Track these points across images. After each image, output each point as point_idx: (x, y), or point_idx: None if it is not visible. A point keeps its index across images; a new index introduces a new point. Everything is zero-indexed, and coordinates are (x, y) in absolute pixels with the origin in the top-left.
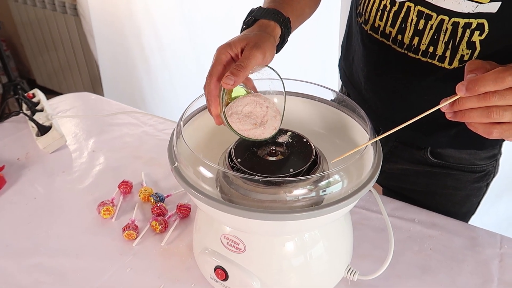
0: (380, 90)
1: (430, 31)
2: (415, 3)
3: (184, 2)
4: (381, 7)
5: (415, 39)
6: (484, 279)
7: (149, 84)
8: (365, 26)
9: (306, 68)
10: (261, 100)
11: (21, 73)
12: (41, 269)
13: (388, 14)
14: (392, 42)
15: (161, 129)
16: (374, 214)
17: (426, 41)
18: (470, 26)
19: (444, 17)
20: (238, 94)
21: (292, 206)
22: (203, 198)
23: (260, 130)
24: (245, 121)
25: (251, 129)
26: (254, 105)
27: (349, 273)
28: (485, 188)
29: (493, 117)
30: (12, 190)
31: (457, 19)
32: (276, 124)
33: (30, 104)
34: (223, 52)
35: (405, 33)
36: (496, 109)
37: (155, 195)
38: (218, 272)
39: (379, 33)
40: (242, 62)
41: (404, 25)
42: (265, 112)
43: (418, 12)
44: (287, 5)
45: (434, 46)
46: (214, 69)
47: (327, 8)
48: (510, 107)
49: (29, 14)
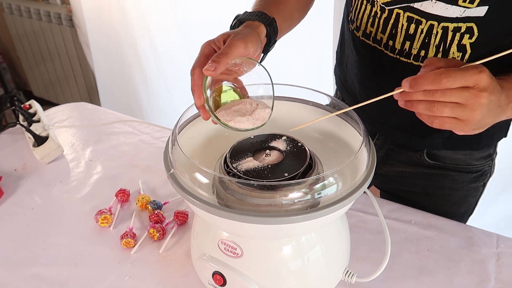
0: (373, 95)
1: (421, 35)
2: (404, 10)
3: (179, 10)
4: (372, 14)
5: (406, 44)
6: (481, 278)
7: (145, 92)
8: (357, 33)
9: (301, 75)
10: (251, 100)
11: (18, 85)
12: (40, 279)
13: (378, 21)
14: (384, 47)
15: (158, 137)
16: (371, 216)
17: (417, 45)
18: (460, 30)
19: (433, 22)
20: (231, 98)
21: (288, 209)
22: (199, 204)
23: (248, 121)
24: (233, 114)
25: (238, 120)
26: (244, 104)
27: (347, 276)
28: (482, 188)
29: (434, 111)
30: (9, 201)
31: (446, 24)
32: (265, 115)
33: (26, 115)
34: (206, 46)
35: (396, 39)
36: (438, 104)
37: (153, 203)
38: (216, 277)
39: (371, 39)
40: (223, 50)
41: (394, 31)
42: (255, 107)
43: (408, 18)
44: (272, 7)
45: (426, 50)
46: (197, 62)
47: (321, 16)
48: (451, 104)
49: (25, 26)
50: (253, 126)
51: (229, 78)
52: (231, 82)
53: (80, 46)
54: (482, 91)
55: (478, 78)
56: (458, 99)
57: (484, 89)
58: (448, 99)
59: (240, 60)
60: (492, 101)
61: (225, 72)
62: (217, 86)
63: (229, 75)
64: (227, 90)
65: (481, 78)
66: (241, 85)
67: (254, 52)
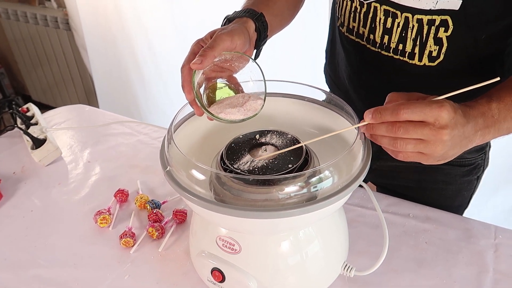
0: (360, 89)
1: (398, 29)
2: (380, 3)
3: (175, 12)
4: (353, 9)
5: (385, 38)
6: (480, 269)
7: (143, 94)
8: (342, 29)
9: (296, 73)
10: (244, 94)
11: (16, 89)
12: (40, 281)
13: (359, 16)
14: (366, 41)
15: (156, 137)
16: (369, 211)
17: (395, 39)
18: (434, 23)
19: (407, 14)
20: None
21: (285, 203)
22: (196, 200)
23: (239, 112)
24: (224, 107)
25: (229, 112)
26: (236, 98)
27: (345, 270)
28: (476, 182)
29: (397, 147)
30: (8, 204)
31: (420, 16)
32: (256, 106)
33: (24, 118)
34: (195, 44)
35: (376, 32)
36: (401, 141)
37: (151, 202)
38: (215, 274)
39: (354, 33)
40: (209, 44)
41: (374, 25)
42: (247, 99)
43: (384, 12)
44: (261, 4)
45: (403, 43)
46: (186, 59)
47: (318, 16)
48: (413, 140)
49: (21, 30)
50: (245, 116)
51: (223, 75)
52: (225, 79)
53: (77, 49)
54: (442, 128)
55: (438, 114)
56: (420, 136)
57: (445, 126)
58: (410, 135)
59: (230, 55)
60: (455, 136)
61: (218, 69)
62: (210, 83)
63: (222, 72)
64: (221, 87)
65: (441, 114)
66: (235, 82)
67: (242, 46)
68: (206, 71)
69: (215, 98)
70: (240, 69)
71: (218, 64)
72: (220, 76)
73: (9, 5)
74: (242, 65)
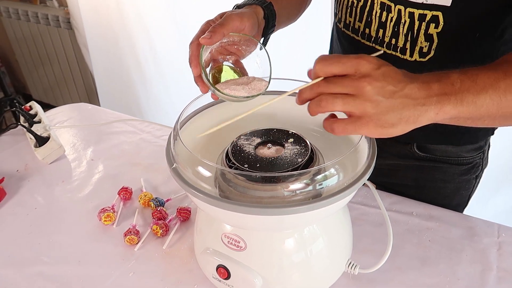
0: None
1: (391, 23)
2: None
3: (177, 11)
4: (349, 4)
5: (380, 32)
6: (483, 267)
7: (144, 93)
8: (339, 24)
9: (299, 71)
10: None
11: (17, 88)
12: (44, 278)
13: (356, 10)
14: (361, 36)
15: (159, 135)
16: (372, 209)
17: (389, 33)
18: (425, 18)
19: (400, 7)
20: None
21: (290, 201)
22: (202, 197)
23: (244, 90)
24: (230, 85)
25: (234, 88)
26: (241, 79)
27: (350, 267)
28: (475, 181)
29: (323, 105)
30: (12, 202)
31: (412, 9)
32: (261, 86)
33: (27, 116)
34: (205, 24)
35: (371, 26)
36: (326, 97)
37: (155, 200)
38: (220, 271)
39: (350, 29)
40: (219, 22)
41: (370, 19)
42: (252, 80)
43: (380, 4)
44: None
45: (396, 38)
46: (195, 37)
47: (321, 15)
48: (339, 95)
49: (23, 29)
50: (249, 94)
51: (230, 59)
52: (231, 62)
53: (78, 48)
54: (362, 77)
55: (357, 63)
56: (341, 88)
57: (366, 75)
58: (331, 89)
59: (238, 37)
60: (384, 90)
61: (225, 52)
62: (216, 64)
63: (229, 56)
64: (227, 70)
65: (361, 62)
66: (241, 66)
67: (251, 28)
68: (214, 53)
69: (220, 79)
70: (247, 53)
71: (226, 47)
72: (227, 60)
73: (11, 4)
74: (249, 50)
